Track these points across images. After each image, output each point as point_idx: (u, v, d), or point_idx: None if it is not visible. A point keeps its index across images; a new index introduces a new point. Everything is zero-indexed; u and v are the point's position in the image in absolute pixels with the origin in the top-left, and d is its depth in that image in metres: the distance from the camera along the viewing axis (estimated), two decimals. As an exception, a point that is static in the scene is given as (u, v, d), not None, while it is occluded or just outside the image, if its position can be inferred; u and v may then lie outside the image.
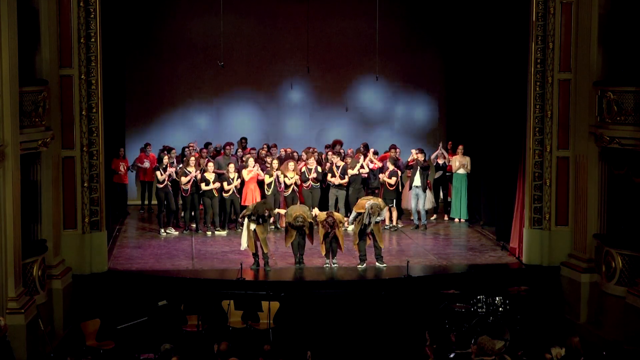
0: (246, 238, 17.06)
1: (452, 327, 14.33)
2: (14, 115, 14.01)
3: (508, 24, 18.09)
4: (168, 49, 23.04)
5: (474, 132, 21.00)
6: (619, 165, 15.95)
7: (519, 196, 17.77)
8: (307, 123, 23.86)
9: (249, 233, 16.98)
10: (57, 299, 15.69)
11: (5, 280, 13.94)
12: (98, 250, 16.67)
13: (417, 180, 20.24)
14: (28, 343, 14.00)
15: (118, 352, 14.12)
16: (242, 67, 23.04)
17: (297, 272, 17.09)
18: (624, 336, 14.63)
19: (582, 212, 16.53)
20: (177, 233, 19.88)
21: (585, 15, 16.22)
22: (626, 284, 15.41)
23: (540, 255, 17.13)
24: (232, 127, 23.35)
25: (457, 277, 16.86)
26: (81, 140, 16.29)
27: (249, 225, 16.96)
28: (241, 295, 15.26)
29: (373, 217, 16.86)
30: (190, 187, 19.64)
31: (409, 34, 23.47)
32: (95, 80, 16.24)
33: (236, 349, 12.88)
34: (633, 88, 15.41)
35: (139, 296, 15.63)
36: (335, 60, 23.37)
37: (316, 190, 20.06)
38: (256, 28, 23.24)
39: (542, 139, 16.95)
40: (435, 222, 21.17)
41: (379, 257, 17.25)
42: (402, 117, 23.97)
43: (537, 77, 16.84)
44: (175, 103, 23.42)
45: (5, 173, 13.87)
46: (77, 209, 16.41)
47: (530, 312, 15.54)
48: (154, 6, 22.48)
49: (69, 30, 15.96)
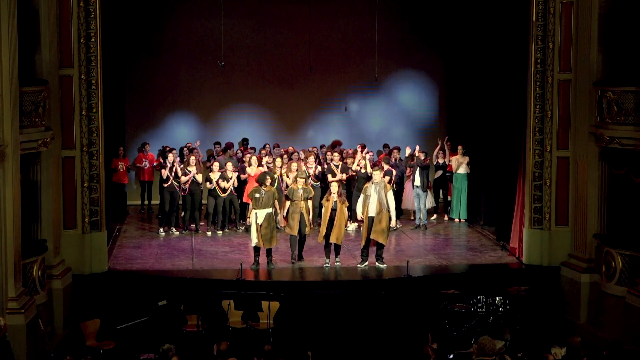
0: (255, 233, 16.95)
1: (452, 327, 14.33)
2: (14, 115, 14.01)
3: (508, 24, 18.09)
4: (168, 49, 23.04)
5: (474, 132, 21.00)
6: (619, 165, 15.95)
7: (519, 196, 17.78)
8: (307, 123, 23.86)
9: (256, 227, 16.89)
10: (57, 299, 15.69)
11: (5, 280, 13.94)
12: (98, 250, 16.67)
13: (418, 180, 20.25)
14: (28, 343, 14.00)
15: (118, 352, 14.12)
16: (242, 67, 23.03)
17: (297, 272, 17.09)
18: (624, 336, 14.62)
19: (582, 212, 16.53)
20: (178, 233, 19.89)
21: (585, 15, 16.23)
22: (626, 284, 15.42)
23: (540, 255, 17.13)
24: (233, 127, 23.35)
25: (457, 277, 16.85)
26: (81, 140, 16.29)
27: (257, 219, 16.90)
28: (241, 295, 15.25)
29: (380, 190, 16.85)
30: (188, 187, 19.65)
31: (409, 34, 23.47)
32: (95, 80, 16.25)
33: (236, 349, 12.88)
34: (633, 88, 15.42)
35: (139, 296, 15.62)
36: (335, 60, 23.37)
37: (316, 189, 20.05)
38: (256, 28, 23.25)
39: (542, 139, 16.95)
40: (435, 222, 21.18)
41: (379, 257, 17.25)
42: (402, 117, 23.97)
43: (537, 77, 16.84)
44: (175, 103, 23.42)
45: (5, 173, 13.86)
46: (77, 209, 16.42)
47: (530, 312, 15.54)
48: (154, 6, 22.48)
49: (69, 30, 15.96)
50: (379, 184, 17.04)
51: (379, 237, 17.03)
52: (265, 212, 16.93)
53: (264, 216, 16.90)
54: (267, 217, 16.92)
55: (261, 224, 16.86)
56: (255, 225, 16.90)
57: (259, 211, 16.95)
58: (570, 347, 11.63)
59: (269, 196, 17.04)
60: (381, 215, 16.95)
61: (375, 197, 16.97)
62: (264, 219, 16.89)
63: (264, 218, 16.89)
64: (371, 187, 17.08)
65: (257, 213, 16.95)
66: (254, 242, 17.07)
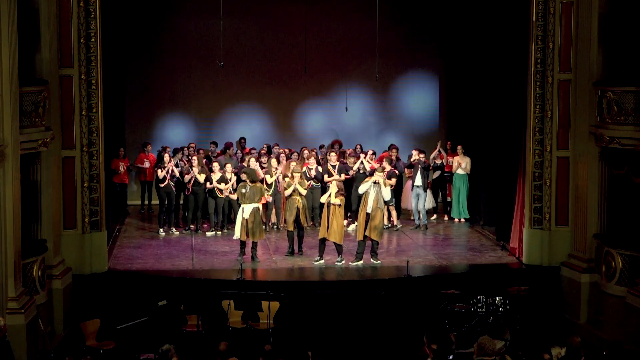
0: (239, 227, 17.37)
1: (452, 327, 14.33)
2: (14, 115, 14.00)
3: (508, 24, 18.09)
4: (168, 49, 23.05)
5: (474, 132, 21.00)
6: (619, 165, 15.95)
7: (519, 196, 17.78)
8: (307, 123, 23.85)
9: (242, 221, 17.28)
10: (57, 299, 15.69)
11: (5, 280, 13.93)
12: (98, 250, 16.67)
13: (419, 180, 20.26)
14: (28, 343, 13.99)
15: (118, 352, 14.12)
16: (242, 67, 23.03)
17: (297, 272, 17.10)
18: (624, 336, 14.62)
19: (582, 212, 16.53)
20: (178, 233, 19.89)
21: (585, 15, 16.22)
22: (626, 284, 15.42)
23: (540, 255, 17.12)
24: (232, 127, 23.35)
25: (457, 277, 16.86)
26: (81, 140, 16.28)
27: (243, 213, 17.26)
28: (241, 295, 15.26)
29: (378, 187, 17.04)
30: (191, 187, 19.67)
31: (409, 34, 23.47)
32: (95, 80, 16.25)
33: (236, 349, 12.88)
34: (633, 88, 15.41)
35: (139, 296, 15.62)
36: (335, 60, 23.37)
37: (317, 190, 20.05)
38: (256, 28, 23.25)
39: (542, 139, 16.95)
40: (435, 222, 21.17)
41: (373, 253, 17.31)
42: (401, 117, 23.97)
43: (537, 77, 16.84)
44: (175, 103, 23.42)
45: (5, 173, 13.86)
46: (77, 209, 16.42)
47: (530, 312, 15.55)
48: (154, 6, 22.48)
49: (69, 30, 15.96)
50: (378, 184, 17.13)
51: (372, 234, 17.18)
52: (252, 207, 17.30)
53: (250, 211, 17.23)
54: (254, 212, 17.27)
55: (247, 218, 17.17)
56: (242, 219, 17.26)
57: (245, 206, 17.32)
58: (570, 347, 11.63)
59: (254, 192, 17.42)
60: (376, 212, 17.06)
61: (373, 194, 17.08)
62: (250, 214, 17.20)
63: (250, 212, 17.20)
64: (370, 183, 17.19)
65: (244, 207, 17.30)
66: (236, 236, 17.53)
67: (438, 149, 21.12)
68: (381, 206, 17.18)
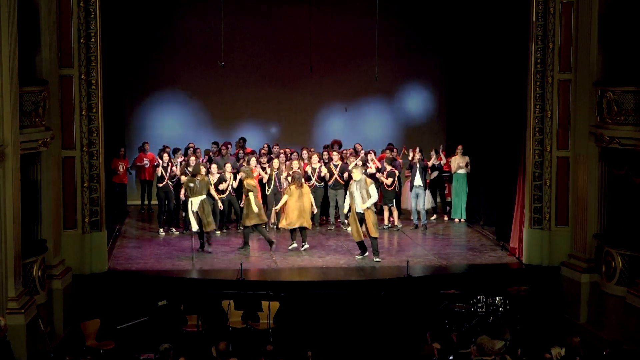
0: (193, 220, 18.06)
1: (452, 327, 14.33)
2: (14, 115, 14.00)
3: (508, 24, 18.09)
4: (168, 48, 23.04)
5: (474, 132, 21.00)
6: (619, 165, 15.95)
7: (519, 196, 17.78)
8: (307, 123, 23.85)
9: (193, 215, 18.00)
10: (57, 299, 15.69)
11: (5, 280, 13.94)
12: (98, 250, 16.67)
13: (418, 180, 20.25)
14: (28, 343, 13.99)
15: (118, 352, 14.12)
16: (242, 67, 23.02)
17: (297, 272, 17.10)
18: (624, 336, 14.63)
19: (582, 212, 16.53)
20: (178, 233, 19.89)
21: (585, 15, 16.22)
22: (626, 284, 15.41)
23: (540, 255, 17.13)
24: (232, 127, 23.35)
25: (457, 277, 16.86)
26: (81, 140, 16.29)
27: (192, 207, 18.07)
28: (241, 295, 15.26)
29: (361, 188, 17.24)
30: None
31: (409, 34, 23.47)
32: (95, 80, 16.25)
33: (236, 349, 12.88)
34: (633, 88, 15.41)
35: (139, 296, 15.63)
36: (335, 60, 23.36)
37: (319, 189, 20.07)
38: (257, 28, 23.23)
39: (542, 139, 16.95)
40: (435, 222, 21.17)
41: (375, 251, 17.31)
42: (401, 117, 23.97)
43: (537, 77, 16.85)
44: (175, 103, 23.42)
45: (5, 173, 13.86)
46: (77, 209, 16.42)
47: (530, 312, 15.55)
48: (154, 6, 22.46)
49: (69, 30, 15.96)
50: (359, 182, 17.26)
51: (368, 232, 17.28)
52: (199, 199, 18.07)
53: (198, 203, 18.03)
54: (201, 204, 18.04)
55: (196, 210, 17.92)
56: (192, 213, 18.00)
57: (193, 199, 18.10)
58: (570, 347, 11.63)
59: (202, 185, 18.21)
60: (365, 210, 17.20)
61: (358, 194, 17.24)
62: (199, 206, 17.99)
63: (198, 205, 18.01)
64: (354, 185, 17.40)
65: (192, 201, 18.10)
66: (194, 228, 18.15)
67: (433, 153, 21.10)
68: (369, 204, 17.21)
